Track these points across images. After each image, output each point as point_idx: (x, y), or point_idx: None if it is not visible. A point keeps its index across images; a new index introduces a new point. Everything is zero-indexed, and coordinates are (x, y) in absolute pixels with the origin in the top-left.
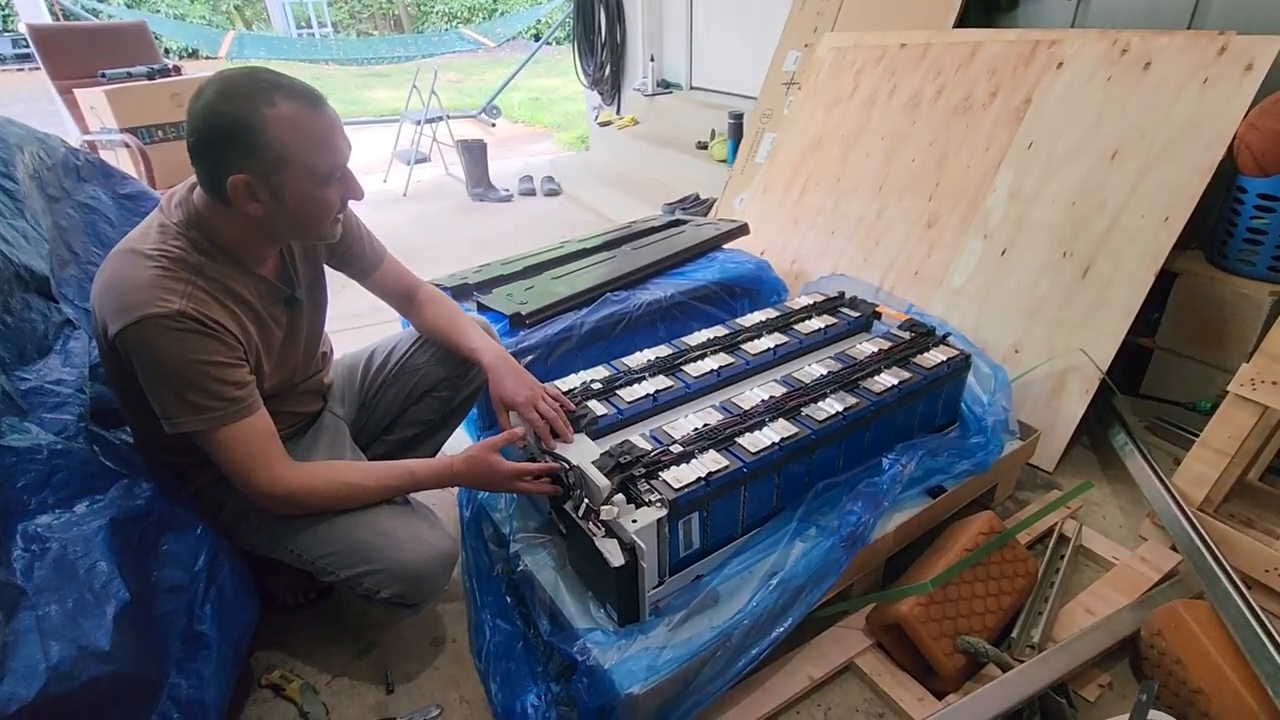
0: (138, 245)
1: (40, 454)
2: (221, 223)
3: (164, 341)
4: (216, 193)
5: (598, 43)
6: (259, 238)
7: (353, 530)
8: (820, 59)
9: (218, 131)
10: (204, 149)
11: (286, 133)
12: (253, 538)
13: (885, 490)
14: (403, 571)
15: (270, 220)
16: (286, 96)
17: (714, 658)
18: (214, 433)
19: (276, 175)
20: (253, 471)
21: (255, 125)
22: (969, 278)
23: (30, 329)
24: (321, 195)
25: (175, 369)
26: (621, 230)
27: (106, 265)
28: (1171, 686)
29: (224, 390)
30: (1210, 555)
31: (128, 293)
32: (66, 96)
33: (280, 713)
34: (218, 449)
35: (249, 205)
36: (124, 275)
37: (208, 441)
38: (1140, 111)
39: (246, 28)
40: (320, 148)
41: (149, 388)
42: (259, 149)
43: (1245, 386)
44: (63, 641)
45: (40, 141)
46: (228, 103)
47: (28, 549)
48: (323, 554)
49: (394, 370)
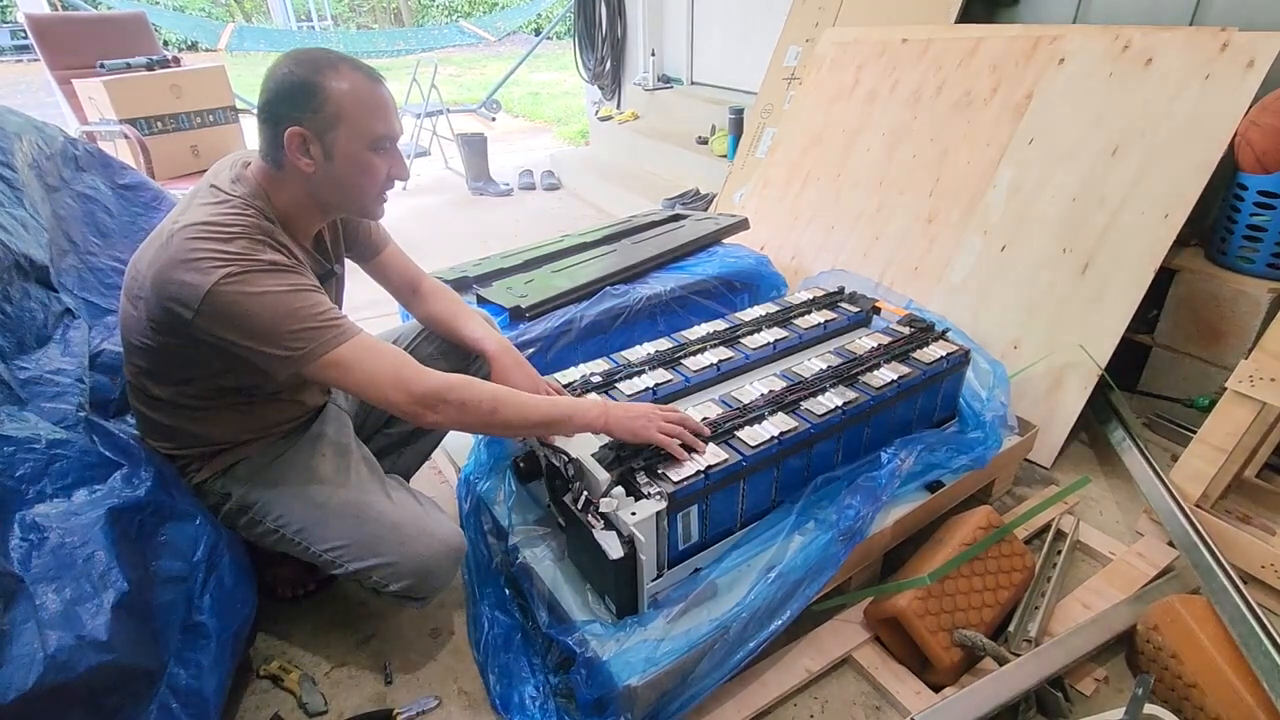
0: (209, 218)
1: (39, 443)
2: (278, 190)
3: (269, 281)
4: (274, 153)
5: (598, 37)
6: (310, 205)
7: (362, 524)
8: (821, 54)
9: (285, 90)
10: (271, 108)
11: (344, 96)
12: (257, 529)
13: (884, 485)
14: (412, 565)
15: (319, 181)
16: (350, 68)
17: (712, 650)
18: (339, 351)
19: (330, 132)
20: (400, 370)
21: (318, 85)
22: (969, 273)
23: (29, 318)
24: (368, 160)
25: (281, 304)
26: (621, 224)
27: (171, 243)
28: (1167, 681)
29: (333, 312)
30: (1207, 551)
31: (210, 257)
32: (65, 87)
33: (279, 703)
34: (350, 367)
35: (301, 160)
36: (203, 244)
37: (335, 365)
38: (1141, 108)
39: (246, 20)
40: (372, 115)
41: (257, 340)
42: (317, 106)
43: (1243, 383)
44: (61, 631)
45: (38, 130)
46: (298, 66)
47: (26, 538)
48: (331, 547)
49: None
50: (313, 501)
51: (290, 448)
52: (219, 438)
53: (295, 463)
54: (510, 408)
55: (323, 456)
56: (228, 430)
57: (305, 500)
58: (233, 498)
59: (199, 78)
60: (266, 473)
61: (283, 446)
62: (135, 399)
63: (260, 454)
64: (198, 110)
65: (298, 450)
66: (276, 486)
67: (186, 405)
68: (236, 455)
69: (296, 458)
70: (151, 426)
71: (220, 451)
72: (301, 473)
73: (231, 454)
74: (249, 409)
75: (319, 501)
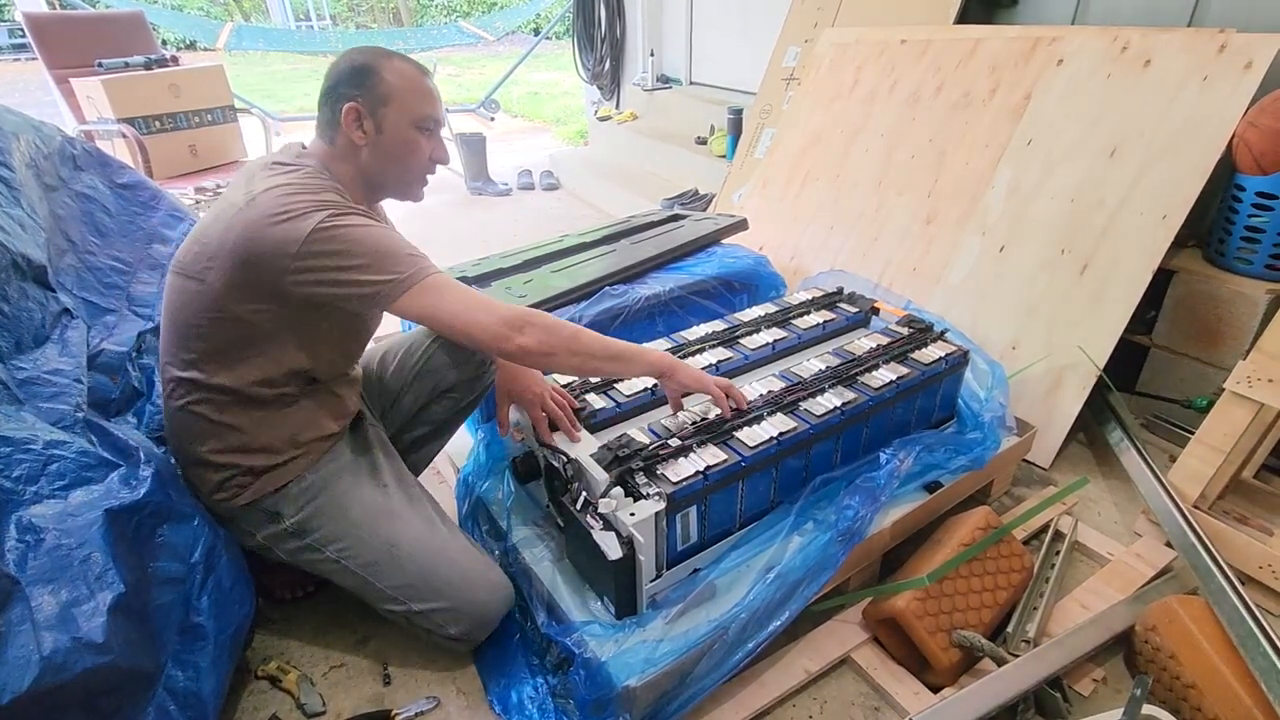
0: (289, 180)
1: (36, 444)
2: (338, 167)
3: (357, 220)
4: (331, 130)
5: (597, 37)
6: (360, 184)
7: (435, 566)
8: (820, 54)
9: (346, 73)
10: (333, 88)
11: (396, 79)
12: (309, 555)
13: (882, 485)
14: (475, 612)
15: (370, 156)
16: (403, 60)
17: (711, 651)
18: (433, 279)
19: (381, 109)
20: (486, 299)
21: (374, 68)
22: (967, 274)
23: (27, 318)
24: (414, 137)
25: (378, 236)
26: (620, 225)
27: (257, 201)
28: (1165, 681)
29: (416, 248)
30: (1205, 551)
31: (306, 202)
32: (63, 86)
33: (277, 704)
34: (443, 294)
35: (355, 133)
36: (295, 196)
37: (431, 290)
38: (1140, 109)
39: (245, 19)
40: (419, 98)
41: (359, 269)
42: (372, 84)
43: (1241, 384)
44: (57, 633)
45: (36, 129)
46: (359, 55)
47: (22, 539)
48: (398, 584)
49: (412, 375)
50: (385, 539)
51: (347, 472)
52: (265, 442)
53: (360, 493)
54: (589, 335)
55: (385, 488)
56: (274, 433)
57: (377, 536)
58: (284, 519)
59: (197, 77)
60: (328, 499)
61: (335, 469)
62: (180, 398)
63: (313, 473)
64: (196, 110)
65: (357, 478)
66: (346, 517)
67: (236, 394)
68: (286, 474)
69: (359, 487)
70: (192, 434)
71: (269, 469)
72: (370, 505)
73: (281, 471)
74: (296, 405)
75: (390, 539)
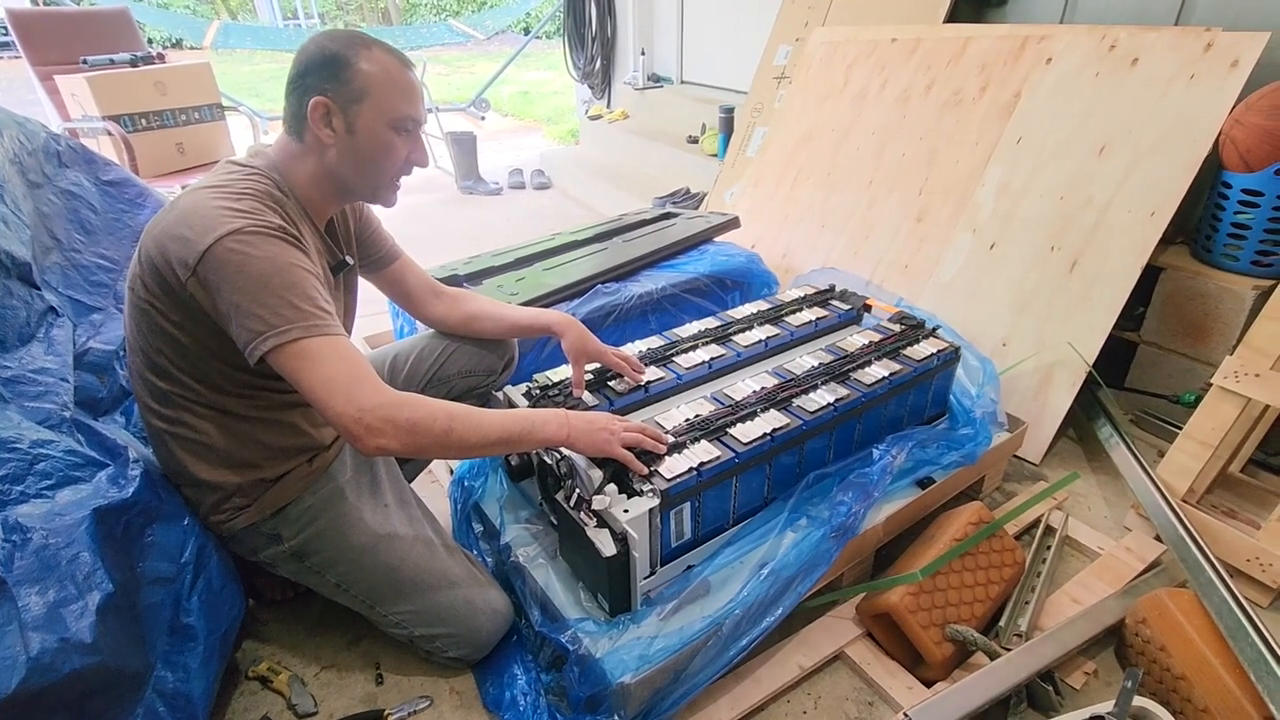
0: (220, 181)
1: (21, 443)
2: (297, 165)
3: (265, 247)
4: (297, 125)
5: (588, 36)
6: (326, 184)
7: (437, 591)
8: (811, 53)
9: (316, 61)
10: (300, 78)
11: (372, 72)
12: (313, 578)
13: (875, 481)
14: (477, 638)
15: (338, 158)
16: (383, 50)
17: (705, 647)
18: (311, 342)
19: (354, 106)
20: (355, 383)
21: (348, 60)
22: (958, 271)
23: (12, 316)
24: (389, 139)
25: (277, 271)
26: (612, 223)
27: (177, 205)
28: (1155, 673)
29: (319, 299)
30: (1194, 545)
31: (217, 214)
32: (47, 83)
33: (268, 704)
34: (314, 363)
35: (323, 131)
36: (209, 203)
37: (303, 355)
38: (1128, 107)
39: (232, 18)
40: (398, 95)
41: (242, 302)
42: (345, 79)
43: (1229, 379)
44: (44, 633)
45: (19, 125)
46: (331, 41)
47: (8, 540)
48: (400, 611)
49: (424, 383)
50: (385, 563)
51: (348, 492)
52: (245, 456)
53: (361, 516)
54: (468, 424)
55: (386, 508)
56: (252, 445)
57: (376, 560)
58: (284, 541)
59: (184, 75)
60: (328, 522)
61: (334, 489)
62: (154, 417)
63: (312, 494)
64: (183, 107)
65: (358, 499)
66: (346, 541)
67: (206, 407)
68: (283, 495)
69: (360, 509)
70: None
71: (262, 483)
72: (371, 530)
73: (278, 490)
74: (268, 414)
75: (392, 564)
